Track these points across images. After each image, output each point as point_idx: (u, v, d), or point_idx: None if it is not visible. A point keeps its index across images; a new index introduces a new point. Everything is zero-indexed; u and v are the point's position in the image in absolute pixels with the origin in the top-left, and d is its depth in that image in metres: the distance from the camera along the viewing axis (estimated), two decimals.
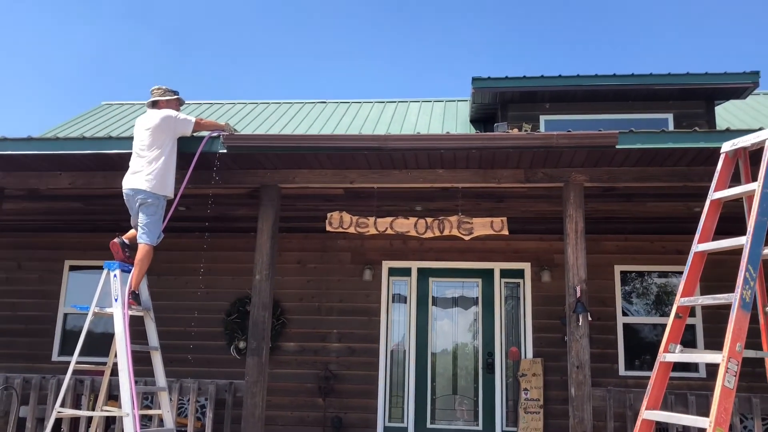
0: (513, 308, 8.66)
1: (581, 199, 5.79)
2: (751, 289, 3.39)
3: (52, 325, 8.99)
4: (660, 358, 3.76)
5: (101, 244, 6.73)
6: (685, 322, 3.89)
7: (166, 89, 5.81)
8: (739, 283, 3.39)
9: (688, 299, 3.81)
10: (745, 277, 3.38)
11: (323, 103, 13.05)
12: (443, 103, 12.65)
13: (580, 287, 5.55)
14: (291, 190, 6.34)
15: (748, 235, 3.54)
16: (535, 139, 5.50)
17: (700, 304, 3.75)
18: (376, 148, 5.63)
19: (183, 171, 5.71)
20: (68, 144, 6.05)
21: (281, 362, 8.46)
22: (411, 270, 8.82)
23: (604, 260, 8.39)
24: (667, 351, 3.77)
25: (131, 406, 4.96)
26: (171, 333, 8.19)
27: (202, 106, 13.00)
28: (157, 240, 5.52)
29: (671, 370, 3.87)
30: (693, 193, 6.00)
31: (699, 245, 3.88)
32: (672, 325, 3.82)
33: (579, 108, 9.73)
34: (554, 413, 7.97)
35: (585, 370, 5.45)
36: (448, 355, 8.66)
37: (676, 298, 3.87)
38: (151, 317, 5.68)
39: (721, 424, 3.10)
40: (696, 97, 9.56)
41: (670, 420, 3.79)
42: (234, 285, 8.70)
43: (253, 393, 5.74)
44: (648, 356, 8.28)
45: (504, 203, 7.01)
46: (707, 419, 3.20)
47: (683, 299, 3.82)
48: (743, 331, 3.31)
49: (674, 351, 3.75)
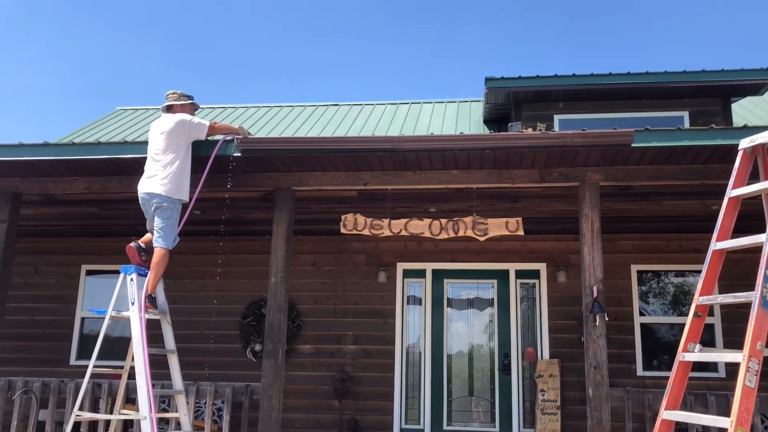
0: (529, 309, 8.61)
1: (597, 198, 5.75)
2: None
3: (69, 329, 9.06)
4: (679, 358, 3.73)
5: (117, 248, 6.78)
6: (704, 322, 3.85)
7: (181, 94, 5.84)
8: (759, 281, 3.35)
9: (706, 298, 3.77)
10: (765, 275, 3.34)
11: (336, 105, 13.07)
12: (456, 103, 12.62)
13: (596, 287, 5.51)
14: (305, 193, 6.35)
15: (767, 233, 3.49)
16: (550, 138, 5.46)
17: (720, 303, 3.71)
18: (389, 149, 5.62)
19: (198, 175, 5.73)
20: (84, 149, 6.10)
21: (297, 364, 8.48)
22: (426, 271, 8.80)
23: (620, 260, 8.33)
24: (686, 350, 3.73)
25: (149, 410, 4.99)
26: (187, 336, 8.22)
27: (216, 110, 13.06)
28: (172, 244, 5.54)
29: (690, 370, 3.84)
30: (710, 191, 5.94)
31: (717, 243, 3.84)
32: (691, 325, 3.79)
33: (593, 107, 9.67)
34: (572, 414, 7.92)
35: (602, 371, 5.40)
36: (463, 357, 8.63)
37: (694, 297, 3.83)
38: (168, 320, 5.70)
39: (742, 424, 3.06)
40: (712, 95, 9.47)
41: (690, 420, 3.75)
42: (249, 288, 8.73)
43: (270, 395, 5.75)
44: (666, 356, 8.21)
45: (519, 203, 6.97)
46: (728, 419, 3.16)
47: (702, 298, 3.78)
48: (764, 330, 3.26)
49: (693, 350, 3.71)
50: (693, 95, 9.49)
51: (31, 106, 44.71)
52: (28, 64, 43.63)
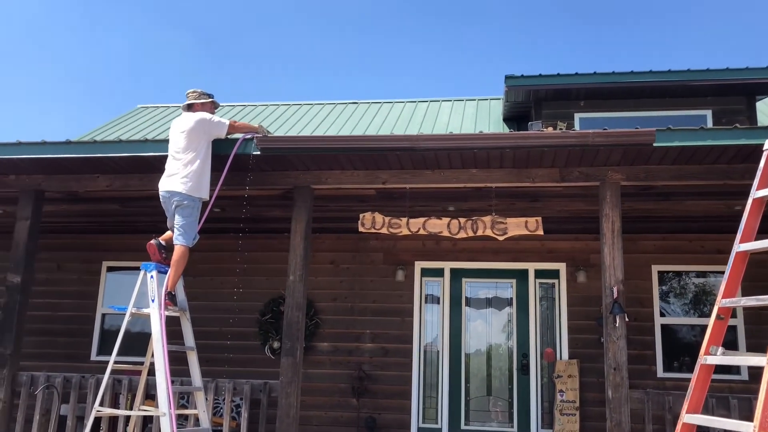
0: (548, 309, 8.56)
1: (618, 198, 5.69)
2: None
3: (90, 325, 9.16)
4: (701, 361, 3.68)
5: (138, 245, 6.84)
6: (727, 324, 3.80)
7: (201, 92, 5.87)
8: None
9: (729, 300, 3.72)
10: None
11: (354, 103, 13.07)
12: (475, 101, 12.57)
13: (617, 288, 5.46)
14: (323, 191, 6.35)
15: None
16: (571, 137, 5.42)
17: (743, 306, 3.66)
18: (408, 148, 5.61)
19: (217, 173, 5.77)
20: (105, 147, 6.16)
21: (315, 362, 8.50)
22: (444, 270, 8.77)
23: (641, 260, 8.25)
24: (708, 353, 3.68)
25: (168, 406, 5.03)
26: (206, 333, 8.28)
27: (236, 107, 13.13)
28: (193, 241, 5.58)
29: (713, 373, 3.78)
30: (733, 191, 5.86)
31: (741, 245, 3.78)
32: (713, 327, 3.73)
33: (614, 105, 9.58)
34: (590, 415, 7.86)
35: (622, 372, 5.35)
36: (481, 356, 8.60)
37: (717, 298, 3.77)
38: (188, 318, 5.74)
39: (765, 429, 3.02)
40: (736, 93, 9.34)
41: (712, 424, 3.70)
42: (268, 285, 8.76)
43: (288, 393, 5.77)
44: (687, 358, 8.11)
45: (538, 203, 6.92)
46: (751, 424, 3.11)
47: (725, 300, 3.72)
48: None
49: (716, 353, 3.66)
50: (716, 94, 9.37)
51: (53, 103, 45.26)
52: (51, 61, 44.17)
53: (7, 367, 6.23)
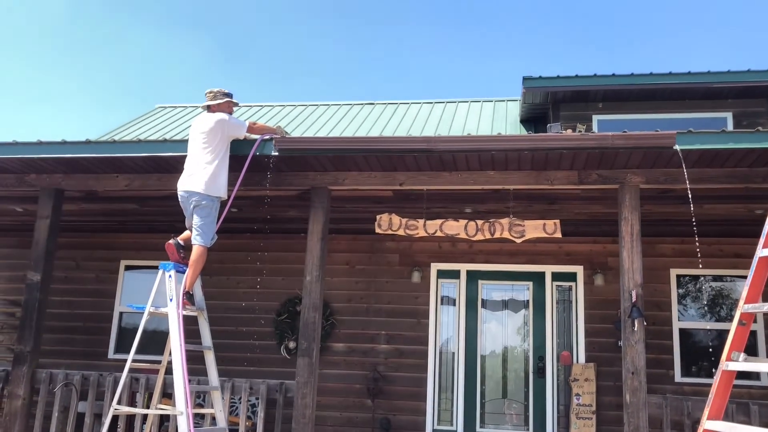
0: (565, 312, 8.50)
1: (637, 201, 5.64)
2: None
3: (108, 323, 9.23)
4: (722, 367, 3.64)
5: (155, 244, 6.89)
6: (749, 330, 3.76)
7: (220, 92, 5.89)
8: None
9: (752, 306, 3.67)
10: None
11: (371, 104, 13.07)
12: (492, 103, 12.52)
13: (635, 291, 5.41)
14: (340, 192, 6.36)
15: None
16: (590, 139, 5.38)
17: (766, 312, 3.61)
18: (425, 150, 5.60)
19: (236, 173, 5.79)
20: (124, 147, 6.21)
21: (330, 363, 8.50)
22: (460, 272, 8.74)
23: (659, 263, 8.17)
24: (730, 359, 3.64)
25: (185, 405, 5.05)
26: (223, 332, 8.32)
27: (253, 108, 13.18)
28: (211, 241, 5.61)
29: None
30: (755, 195, 5.80)
31: (764, 250, 3.74)
32: (735, 333, 3.69)
33: (633, 107, 9.51)
34: (607, 419, 7.80)
35: (640, 377, 5.31)
36: (497, 358, 8.56)
37: (738, 304, 3.73)
38: (205, 317, 5.77)
39: None
40: (757, 95, 9.24)
41: (733, 431, 3.66)
42: (284, 285, 8.78)
43: (304, 393, 5.78)
44: (706, 362, 8.02)
45: (556, 205, 6.88)
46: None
47: (747, 306, 3.68)
48: None
49: (737, 359, 3.62)
50: (737, 96, 9.27)
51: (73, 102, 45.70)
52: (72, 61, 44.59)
53: (27, 364, 6.29)
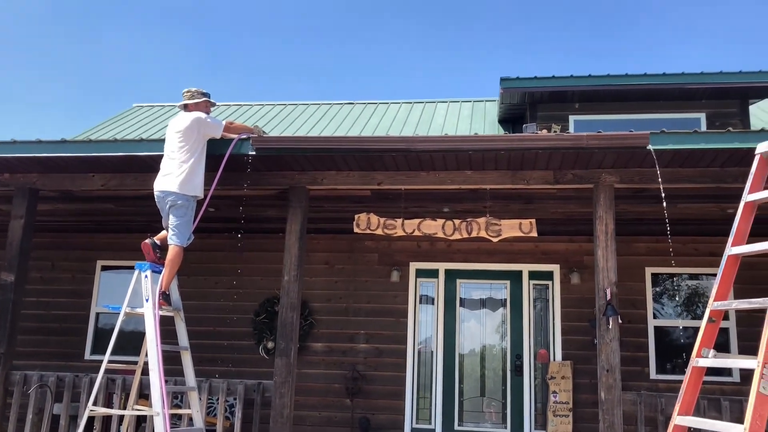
0: (541, 310, 8.58)
1: (611, 200, 5.72)
2: None
3: (84, 324, 9.14)
4: (693, 363, 3.70)
5: (133, 244, 6.83)
6: (719, 327, 3.82)
7: (197, 91, 5.87)
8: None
9: (721, 303, 3.74)
10: None
11: (350, 104, 13.08)
12: (471, 103, 12.59)
13: (610, 290, 5.48)
14: (319, 192, 6.36)
15: None
16: (565, 140, 5.44)
17: (735, 308, 3.69)
18: (403, 149, 5.63)
19: (213, 173, 5.77)
20: (100, 146, 6.17)
21: (309, 362, 8.50)
22: (438, 271, 8.79)
23: (634, 262, 8.28)
24: (700, 356, 3.70)
25: (161, 406, 5.03)
26: (200, 333, 8.28)
27: (231, 107, 13.12)
28: (187, 241, 5.58)
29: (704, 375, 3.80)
30: (726, 195, 5.89)
31: (733, 248, 3.80)
32: (705, 330, 3.76)
33: (609, 108, 9.61)
34: (584, 417, 7.88)
35: (615, 374, 5.38)
36: (475, 357, 8.62)
37: (709, 301, 3.80)
38: (182, 317, 5.75)
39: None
40: (729, 96, 9.39)
41: (703, 426, 3.72)
42: (263, 285, 8.76)
43: (282, 393, 5.78)
44: (680, 360, 8.15)
45: (533, 205, 6.95)
46: (741, 426, 3.14)
47: (717, 303, 3.75)
48: None
49: (707, 356, 3.69)
50: (710, 97, 9.41)
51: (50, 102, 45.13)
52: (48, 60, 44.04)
53: (0, 366, 6.21)
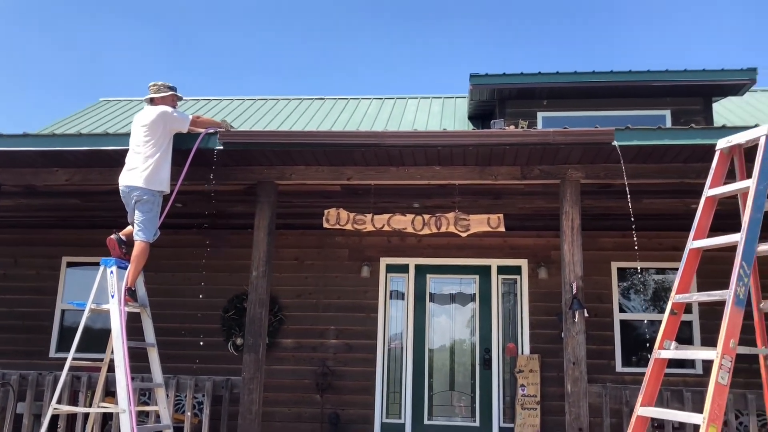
0: (510, 305, 8.66)
1: (578, 195, 5.79)
2: (745, 286, 3.40)
3: (49, 321, 8.99)
4: (655, 355, 3.78)
5: (99, 240, 6.72)
6: (680, 319, 3.91)
7: (163, 85, 5.79)
8: (733, 279, 3.40)
9: (682, 296, 3.82)
10: (739, 274, 3.40)
11: (321, 99, 13.04)
12: (441, 99, 12.64)
13: (576, 284, 5.55)
14: (288, 187, 6.34)
15: (742, 232, 3.55)
16: (532, 136, 5.49)
17: (695, 301, 3.77)
18: (373, 144, 5.63)
19: (179, 167, 5.71)
20: (64, 140, 6.06)
21: (279, 359, 8.47)
22: (408, 267, 8.82)
23: (600, 257, 8.39)
24: (662, 347, 3.78)
25: (128, 403, 4.97)
26: (169, 329, 8.20)
27: (200, 102, 12.99)
28: (153, 237, 5.52)
29: (667, 367, 3.88)
30: (690, 190, 6.00)
31: (694, 242, 3.89)
32: (667, 322, 3.84)
33: (576, 105, 9.72)
34: (551, 409, 7.98)
35: (581, 367, 5.45)
36: (445, 351, 8.67)
37: (671, 294, 3.88)
38: (148, 314, 5.69)
39: (714, 421, 3.11)
40: (693, 94, 9.56)
41: (665, 416, 3.81)
42: (231, 281, 8.70)
43: (250, 389, 5.75)
44: (645, 353, 8.29)
45: (501, 200, 7.00)
46: (701, 415, 3.21)
47: (678, 296, 3.83)
48: (737, 328, 3.32)
49: (669, 348, 3.77)
50: (675, 94, 9.57)
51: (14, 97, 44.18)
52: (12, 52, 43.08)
53: None
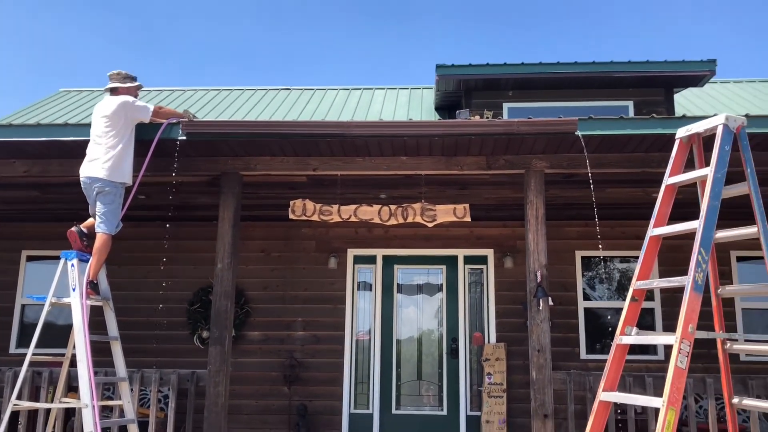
0: (477, 294, 8.73)
1: (542, 185, 5.85)
2: (704, 272, 3.47)
3: (9, 316, 8.80)
4: (616, 341, 3.84)
5: (60, 233, 6.58)
6: (641, 306, 3.98)
7: (125, 75, 5.69)
8: (691, 266, 3.47)
9: (643, 283, 3.89)
10: (697, 260, 3.46)
11: (287, 89, 12.93)
12: (408, 90, 12.63)
13: (540, 272, 5.61)
14: (253, 178, 6.28)
15: (700, 219, 3.62)
16: (497, 126, 5.53)
17: (656, 287, 3.84)
18: (339, 135, 5.61)
19: (142, 158, 5.62)
20: (23, 131, 5.91)
21: (246, 351, 8.42)
22: (376, 257, 8.82)
23: (565, 246, 8.50)
24: (623, 333, 3.84)
25: (90, 397, 4.89)
26: (133, 323, 8.10)
27: (163, 92, 12.79)
28: (115, 229, 5.42)
29: (630, 353, 3.95)
30: (651, 179, 6.09)
31: (654, 229, 3.96)
32: (628, 308, 3.90)
33: (541, 95, 9.81)
34: (517, 397, 8.08)
35: (546, 354, 5.52)
36: (413, 342, 8.71)
37: (632, 281, 3.94)
38: (111, 307, 5.59)
39: (673, 404, 3.18)
40: (655, 85, 9.71)
41: (626, 401, 3.88)
42: (196, 274, 8.61)
43: (216, 382, 5.71)
44: (609, 340, 8.42)
45: (467, 190, 7.04)
46: (661, 399, 3.27)
47: (639, 282, 3.89)
48: (695, 313, 3.39)
49: (630, 333, 3.83)
50: (637, 85, 9.71)
51: None
52: None
53: None
